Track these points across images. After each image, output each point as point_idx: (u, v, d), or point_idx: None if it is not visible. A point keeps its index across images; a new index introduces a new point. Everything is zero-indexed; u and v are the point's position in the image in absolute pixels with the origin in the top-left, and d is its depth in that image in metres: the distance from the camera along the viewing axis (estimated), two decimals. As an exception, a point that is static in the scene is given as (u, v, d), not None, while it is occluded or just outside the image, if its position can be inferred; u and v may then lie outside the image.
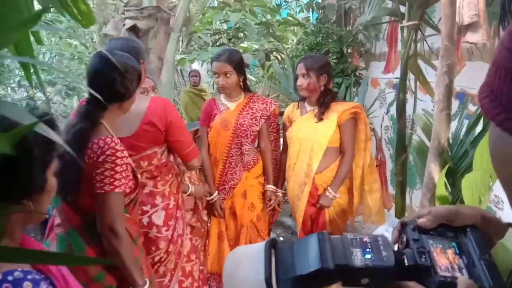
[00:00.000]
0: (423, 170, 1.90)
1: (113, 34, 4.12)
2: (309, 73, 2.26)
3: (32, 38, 1.64)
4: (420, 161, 1.96)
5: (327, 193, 2.31)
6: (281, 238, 3.91)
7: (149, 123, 1.80)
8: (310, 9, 4.26)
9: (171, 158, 2.00)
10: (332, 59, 3.64)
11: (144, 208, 1.89)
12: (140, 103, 1.77)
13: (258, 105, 2.43)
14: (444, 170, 1.65)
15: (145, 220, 1.89)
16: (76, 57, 3.78)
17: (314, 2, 4.13)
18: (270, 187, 2.52)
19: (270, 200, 2.51)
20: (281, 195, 2.62)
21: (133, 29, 3.94)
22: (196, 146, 2.03)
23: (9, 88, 3.43)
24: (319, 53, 3.60)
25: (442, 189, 1.69)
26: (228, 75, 2.31)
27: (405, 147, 2.52)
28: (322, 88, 2.30)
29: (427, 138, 2.02)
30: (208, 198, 2.40)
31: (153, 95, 2.16)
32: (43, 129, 0.66)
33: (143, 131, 1.80)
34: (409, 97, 2.57)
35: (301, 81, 2.30)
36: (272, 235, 3.49)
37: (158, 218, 1.92)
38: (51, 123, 0.86)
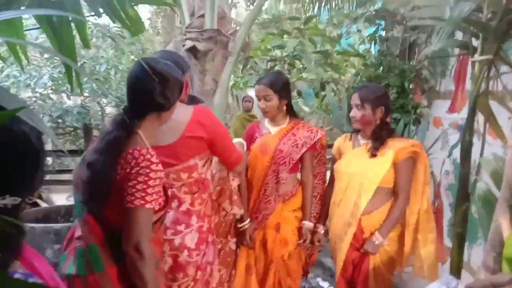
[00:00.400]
0: (489, 223, 1.64)
1: (173, 54, 4.23)
2: (363, 104, 2.10)
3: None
4: (485, 212, 1.69)
5: (374, 238, 2.08)
6: (319, 280, 3.65)
7: (193, 131, 1.76)
8: (373, 42, 4.10)
9: (209, 175, 1.92)
10: (392, 93, 3.44)
11: (178, 227, 1.77)
12: (183, 111, 1.75)
13: (303, 133, 2.29)
14: (516, 227, 1.38)
15: (177, 241, 1.76)
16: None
17: (377, 35, 3.97)
18: (307, 223, 2.34)
19: (305, 238, 2.32)
20: (322, 231, 2.42)
21: (192, 50, 4.02)
22: (239, 151, 2.00)
23: (64, 95, 3.59)
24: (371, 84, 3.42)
25: (511, 248, 1.42)
26: (268, 98, 2.23)
27: (467, 195, 2.23)
28: (378, 121, 2.12)
29: (495, 187, 1.76)
30: (239, 225, 2.26)
31: None
32: (28, 115, 0.59)
33: (187, 139, 1.75)
34: (476, 140, 2.30)
35: (355, 113, 2.14)
36: (310, 275, 3.26)
37: (191, 240, 1.79)
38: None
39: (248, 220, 2.28)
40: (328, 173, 2.57)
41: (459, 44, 2.50)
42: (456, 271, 2.31)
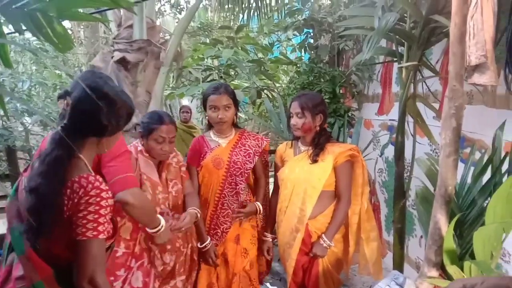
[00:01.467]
0: (427, 218, 1.75)
1: (101, 66, 4.02)
2: (304, 112, 2.14)
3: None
4: (424, 209, 1.81)
5: (321, 242, 2.13)
6: (268, 284, 3.67)
7: None
8: (303, 49, 4.25)
9: None
10: (325, 98, 3.57)
11: None
12: None
13: (250, 142, 2.30)
14: (453, 222, 1.50)
15: None
16: (59, 87, 3.63)
17: (306, 43, 4.12)
18: (257, 203, 2.37)
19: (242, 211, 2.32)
20: (270, 239, 2.44)
21: (122, 61, 3.85)
22: (131, 177, 1.67)
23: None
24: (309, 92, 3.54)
25: (450, 242, 1.54)
26: (227, 108, 2.19)
27: (403, 192, 2.38)
28: (318, 128, 2.18)
29: (431, 184, 1.89)
30: (200, 246, 2.20)
31: None
32: None
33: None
34: (406, 140, 2.46)
35: (296, 121, 2.17)
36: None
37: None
38: None
39: (209, 239, 2.23)
40: (271, 180, 2.61)
41: (386, 52, 2.66)
42: (398, 264, 2.45)
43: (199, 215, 2.08)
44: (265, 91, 4.29)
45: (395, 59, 2.50)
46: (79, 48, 6.79)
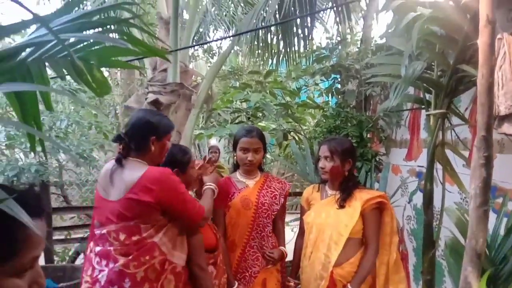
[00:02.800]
0: (457, 271, 1.68)
1: (135, 106, 4.21)
2: (333, 156, 2.15)
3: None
4: (454, 260, 1.74)
5: None
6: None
7: (138, 194, 1.67)
8: (330, 94, 4.31)
9: (158, 238, 1.75)
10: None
11: None
12: (137, 169, 1.73)
13: (275, 184, 2.34)
14: (485, 277, 1.43)
15: None
16: (94, 126, 3.81)
17: (333, 88, 4.18)
18: (282, 248, 2.35)
19: (272, 253, 2.28)
20: (293, 284, 2.38)
21: (155, 103, 4.01)
22: (198, 204, 1.87)
23: (21, 153, 3.42)
24: (338, 136, 3.54)
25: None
26: (258, 151, 2.25)
27: (433, 242, 2.29)
28: (346, 173, 2.17)
29: (461, 235, 1.83)
30: None
31: None
32: (11, 208, 0.55)
33: (128, 201, 1.69)
34: (435, 187, 2.41)
35: (324, 164, 2.18)
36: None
37: None
38: (33, 195, 0.75)
39: (237, 283, 2.20)
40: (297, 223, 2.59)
41: (414, 99, 2.67)
42: (427, 319, 2.31)
43: (215, 190, 2.13)
44: (292, 133, 4.33)
45: (422, 106, 2.50)
46: (115, 89, 7.14)
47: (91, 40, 1.17)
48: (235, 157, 2.35)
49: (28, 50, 1.23)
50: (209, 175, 2.20)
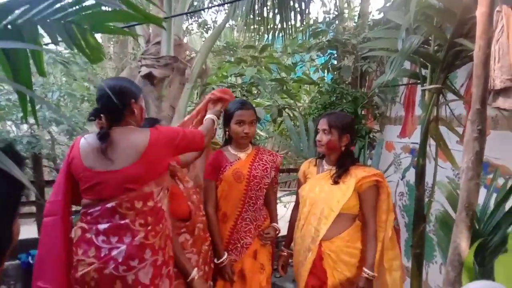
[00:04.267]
0: (447, 244, 1.71)
1: (128, 80, 4.15)
2: (331, 130, 2.14)
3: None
4: (444, 234, 1.77)
5: (364, 274, 2.07)
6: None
7: (155, 153, 1.74)
8: (326, 70, 4.28)
9: (165, 206, 1.82)
10: (346, 119, 3.58)
11: (131, 263, 1.66)
12: (139, 134, 1.76)
13: (267, 157, 2.35)
14: (474, 247, 1.46)
15: (130, 277, 1.64)
16: (86, 98, 3.76)
17: (329, 64, 4.15)
18: (275, 224, 2.39)
19: (268, 233, 2.32)
20: (286, 254, 2.42)
21: (148, 76, 3.96)
22: (196, 131, 2.02)
23: (12, 125, 3.37)
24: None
25: (470, 269, 1.49)
26: (253, 123, 2.26)
27: (423, 216, 2.33)
28: (343, 148, 2.17)
29: (452, 209, 1.85)
30: (216, 262, 2.20)
31: None
32: (5, 164, 0.54)
33: (145, 162, 1.71)
34: (428, 163, 2.43)
35: (321, 137, 2.17)
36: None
37: (145, 276, 1.69)
38: (16, 158, 0.72)
39: (226, 254, 2.23)
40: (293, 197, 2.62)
41: (410, 74, 2.66)
42: (416, 290, 2.38)
43: (215, 122, 2.22)
44: (287, 110, 4.32)
45: (418, 81, 2.50)
46: (108, 63, 7.03)
47: (85, 3, 1.14)
48: (227, 131, 2.34)
49: (17, 11, 1.19)
50: (213, 108, 2.26)
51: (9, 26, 1.22)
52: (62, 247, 1.76)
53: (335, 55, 4.10)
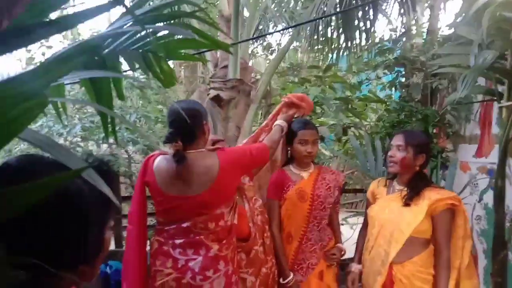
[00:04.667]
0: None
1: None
2: (407, 147, 2.04)
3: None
4: (528, 261, 1.63)
5: None
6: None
7: (226, 177, 1.84)
8: (393, 88, 4.16)
9: (236, 219, 1.94)
10: (416, 138, 3.44)
11: (207, 273, 1.78)
12: (209, 159, 1.84)
13: (329, 176, 2.33)
14: None
15: (206, 286, 1.77)
16: (160, 120, 4.02)
17: (397, 81, 4.04)
18: (340, 245, 2.36)
19: (334, 254, 2.29)
20: (356, 271, 2.34)
21: (216, 99, 4.15)
22: (259, 146, 2.08)
23: (94, 145, 3.71)
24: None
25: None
26: (315, 143, 2.28)
27: (504, 242, 2.15)
28: (418, 168, 2.08)
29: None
30: (282, 282, 2.21)
31: None
32: (91, 176, 0.60)
33: (217, 188, 1.81)
34: (508, 185, 2.26)
35: (395, 153, 2.08)
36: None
37: (219, 285, 1.80)
38: (106, 173, 0.79)
39: (292, 274, 2.22)
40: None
41: (485, 91, 2.51)
42: (497, 324, 2.18)
43: (284, 129, 2.26)
44: (352, 128, 4.25)
45: (494, 98, 2.35)
46: (179, 86, 7.45)
47: (161, 33, 1.25)
48: (288, 151, 2.37)
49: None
50: (286, 113, 2.32)
51: (96, 57, 1.37)
52: (137, 255, 1.90)
53: (403, 73, 3.99)
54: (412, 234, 2.01)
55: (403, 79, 4.00)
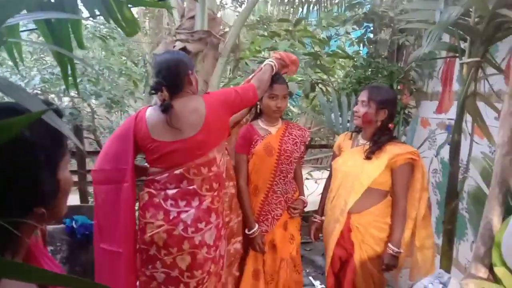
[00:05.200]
0: (478, 219, 1.69)
1: (164, 54, 4.23)
2: (369, 102, 2.12)
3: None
4: (476, 209, 1.75)
5: (389, 250, 2.10)
6: (311, 278, 3.70)
7: (215, 118, 1.86)
8: (361, 44, 4.17)
9: (225, 171, 1.98)
10: (381, 94, 3.51)
11: (199, 225, 1.81)
12: (196, 102, 1.87)
13: (296, 131, 2.38)
14: (505, 224, 1.44)
15: (197, 238, 1.80)
16: (124, 73, 3.89)
17: (365, 37, 4.04)
18: (302, 197, 2.44)
19: (295, 209, 2.38)
20: (318, 221, 2.47)
21: (183, 51, 4.02)
22: (248, 86, 2.11)
23: (55, 98, 3.55)
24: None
25: (500, 244, 1.48)
26: (285, 97, 2.29)
27: (456, 192, 2.29)
28: (379, 123, 2.15)
29: (485, 185, 1.82)
30: (247, 232, 2.28)
31: None
32: (52, 119, 0.59)
33: (209, 128, 1.84)
34: (463, 140, 2.37)
35: (358, 108, 2.17)
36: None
37: (210, 237, 1.84)
38: (58, 114, 0.78)
39: (257, 226, 2.30)
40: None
41: (448, 47, 2.56)
42: (446, 267, 2.36)
43: (274, 68, 2.27)
44: (320, 85, 4.28)
45: (457, 55, 2.41)
46: (143, 38, 7.15)
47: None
48: (258, 105, 2.37)
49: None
50: (275, 57, 2.34)
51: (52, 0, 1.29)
52: (132, 211, 1.89)
53: (372, 28, 3.99)
54: (371, 185, 2.11)
55: (371, 35, 4.01)
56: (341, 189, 2.23)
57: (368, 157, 2.15)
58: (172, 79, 1.84)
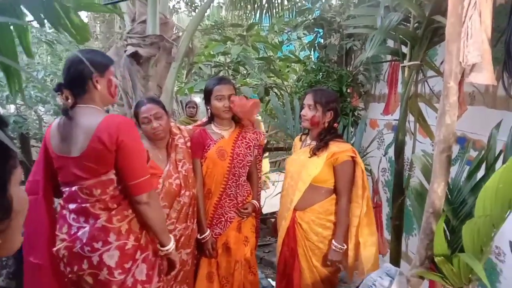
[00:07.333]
0: (421, 214, 1.79)
1: (114, 59, 4.12)
2: (316, 105, 2.19)
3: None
4: (418, 204, 1.85)
5: (333, 247, 2.16)
6: (270, 280, 3.73)
7: (98, 141, 1.55)
8: (312, 49, 4.29)
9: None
10: (332, 97, 3.62)
11: (95, 244, 1.64)
12: (94, 117, 1.60)
13: (250, 135, 2.40)
14: (443, 216, 1.54)
15: (94, 258, 1.64)
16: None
17: (316, 42, 4.16)
18: (254, 201, 2.46)
19: (246, 209, 2.40)
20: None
21: (134, 55, 3.95)
22: (150, 180, 1.70)
23: (-1, 106, 3.37)
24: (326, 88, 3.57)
25: (441, 236, 1.57)
26: (232, 98, 2.28)
27: (402, 189, 2.42)
28: (326, 124, 2.23)
29: (426, 181, 1.93)
30: (199, 237, 2.27)
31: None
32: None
33: (93, 150, 1.56)
34: (408, 139, 2.51)
35: (306, 112, 2.22)
36: (260, 275, 3.33)
37: (111, 258, 1.65)
38: (2, 123, 0.73)
39: (208, 231, 2.30)
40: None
41: (390, 51, 2.70)
42: (395, 261, 2.48)
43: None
44: (274, 89, 4.35)
45: (399, 58, 2.54)
46: (94, 43, 6.94)
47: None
48: (208, 109, 2.38)
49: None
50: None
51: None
52: (47, 224, 1.77)
53: (321, 34, 4.12)
54: (313, 182, 2.18)
55: (321, 40, 4.13)
56: (289, 187, 2.30)
57: (312, 155, 2.21)
58: (70, 80, 1.63)
